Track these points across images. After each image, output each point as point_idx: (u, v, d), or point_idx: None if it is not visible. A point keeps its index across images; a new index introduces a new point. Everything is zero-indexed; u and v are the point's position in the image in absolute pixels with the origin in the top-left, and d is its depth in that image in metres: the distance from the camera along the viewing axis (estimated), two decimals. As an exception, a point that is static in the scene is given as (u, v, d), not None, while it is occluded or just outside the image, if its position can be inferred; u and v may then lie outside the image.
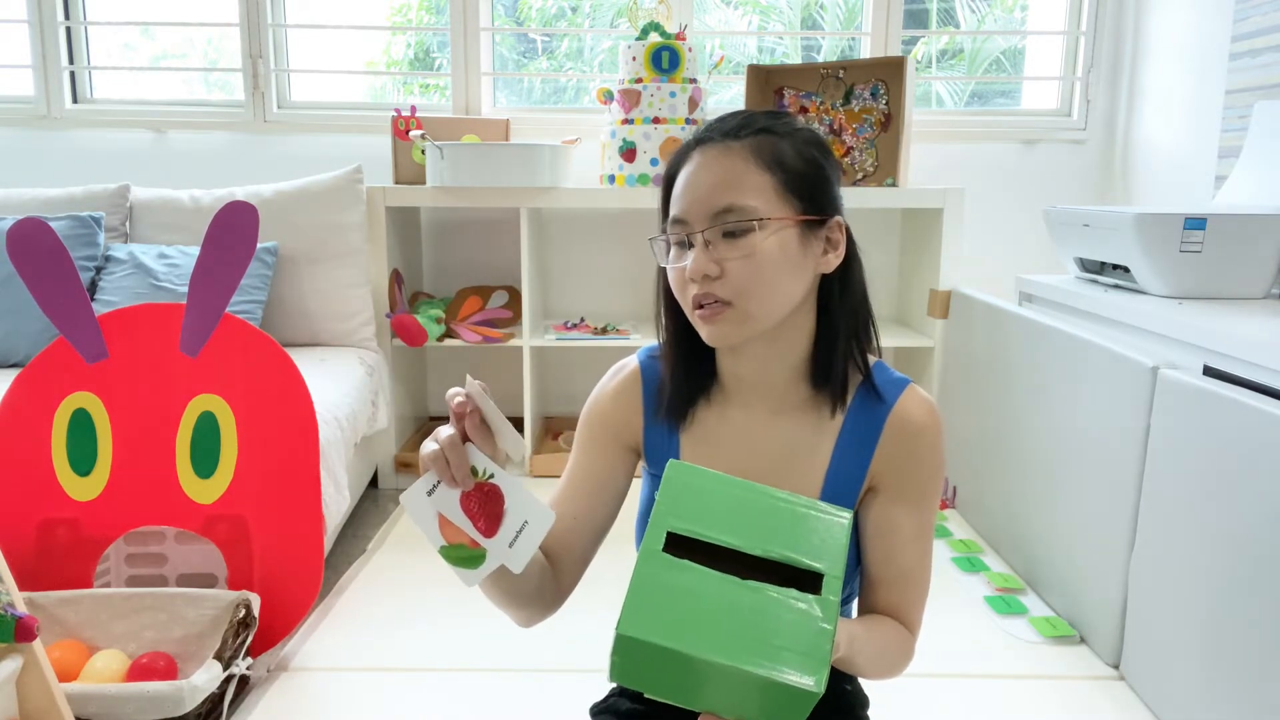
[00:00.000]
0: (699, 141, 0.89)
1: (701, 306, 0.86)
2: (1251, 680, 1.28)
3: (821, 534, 0.75)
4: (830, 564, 0.73)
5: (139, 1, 3.14)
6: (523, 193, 2.55)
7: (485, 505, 0.79)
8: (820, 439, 0.92)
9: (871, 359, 0.94)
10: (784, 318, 0.88)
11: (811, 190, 0.87)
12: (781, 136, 0.87)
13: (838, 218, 0.89)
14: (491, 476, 0.78)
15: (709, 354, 0.94)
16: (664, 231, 0.91)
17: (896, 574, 0.91)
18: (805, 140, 0.89)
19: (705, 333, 0.88)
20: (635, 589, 0.70)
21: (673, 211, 0.89)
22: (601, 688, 1.07)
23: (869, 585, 0.92)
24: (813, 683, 0.66)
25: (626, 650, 0.68)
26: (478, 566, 0.79)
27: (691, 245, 0.86)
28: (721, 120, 0.90)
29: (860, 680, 1.02)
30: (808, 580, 0.73)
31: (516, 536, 0.78)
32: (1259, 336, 1.45)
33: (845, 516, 0.77)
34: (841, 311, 0.91)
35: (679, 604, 0.69)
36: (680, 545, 0.73)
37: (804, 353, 0.92)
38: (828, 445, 0.92)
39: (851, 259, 0.91)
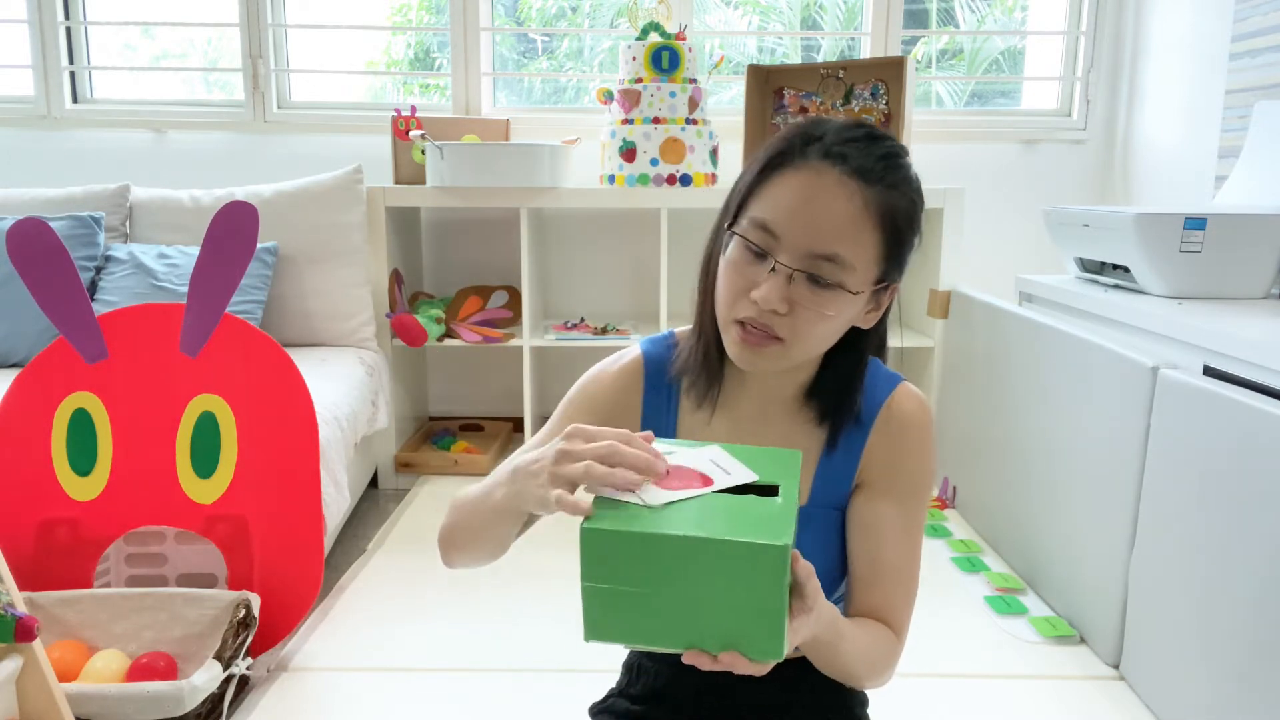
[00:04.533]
0: (825, 154, 0.80)
1: (744, 325, 0.82)
2: (1251, 680, 1.28)
3: (775, 462, 0.75)
4: (785, 484, 0.72)
5: (139, 1, 3.14)
6: (523, 193, 2.55)
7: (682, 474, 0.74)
8: (810, 439, 0.92)
9: None
10: None
11: (900, 256, 0.85)
12: (902, 193, 0.83)
13: (897, 284, 0.87)
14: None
15: (722, 352, 0.91)
16: (735, 218, 0.84)
17: (882, 572, 0.89)
18: (914, 201, 0.84)
19: (737, 353, 0.84)
20: (598, 502, 0.69)
21: (764, 216, 0.81)
22: (601, 688, 1.07)
23: (855, 585, 0.90)
24: (779, 539, 0.65)
25: (593, 556, 0.66)
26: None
27: (772, 268, 0.80)
28: (857, 146, 0.81)
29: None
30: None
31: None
32: (1259, 336, 1.45)
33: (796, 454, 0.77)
34: (863, 355, 0.90)
35: (642, 511, 0.68)
36: None
37: (809, 376, 0.91)
38: (817, 446, 0.91)
39: (885, 315, 0.90)
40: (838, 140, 0.81)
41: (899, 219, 0.82)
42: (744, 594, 0.66)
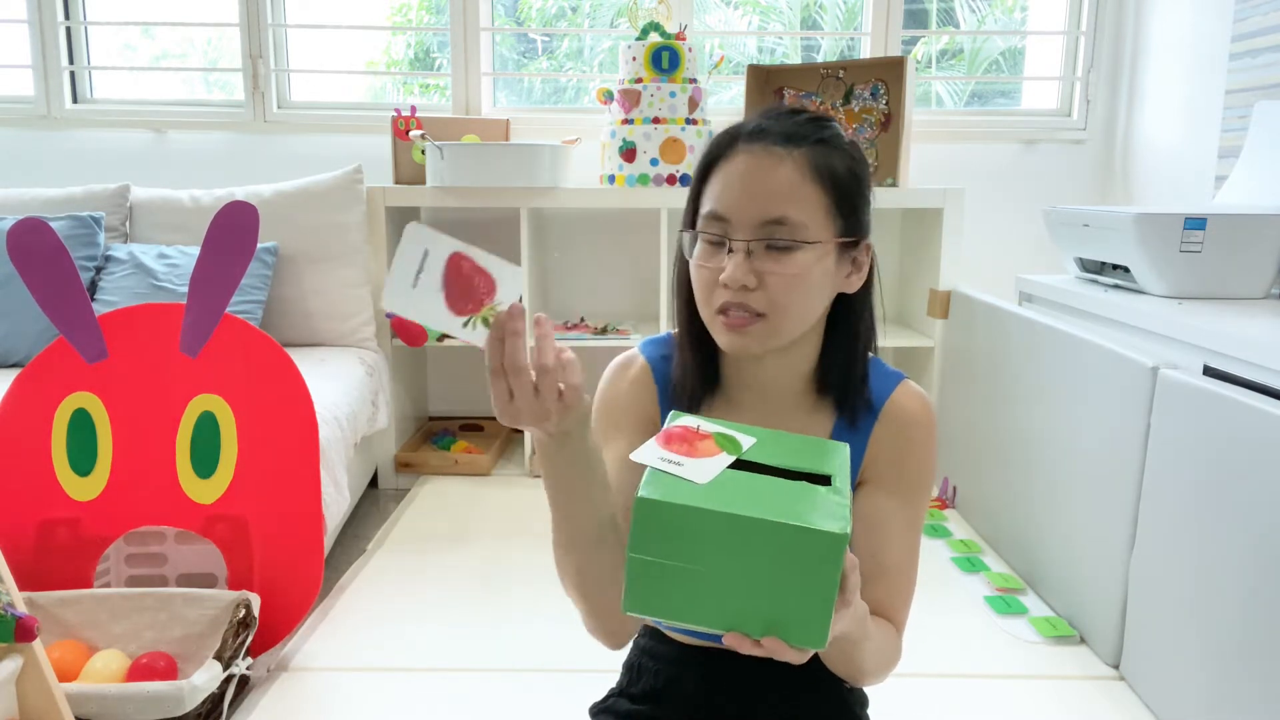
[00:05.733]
0: (750, 135, 0.84)
1: (726, 313, 0.84)
2: (1251, 680, 1.28)
3: (825, 453, 0.76)
4: (838, 474, 0.72)
5: (139, 1, 3.14)
6: (523, 193, 2.55)
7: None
8: (815, 435, 0.92)
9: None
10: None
11: (855, 211, 0.86)
12: (834, 149, 0.85)
13: (868, 240, 0.88)
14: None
15: (716, 354, 0.93)
16: (692, 223, 0.87)
17: (883, 569, 0.89)
18: (853, 156, 0.86)
19: (726, 340, 0.86)
20: (652, 474, 0.69)
21: (712, 207, 0.84)
22: (601, 688, 1.07)
23: None
24: (838, 526, 0.64)
25: (646, 527, 0.66)
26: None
27: (729, 249, 0.83)
28: (777, 119, 0.85)
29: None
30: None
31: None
32: (1259, 336, 1.45)
33: (844, 446, 0.78)
34: (860, 329, 0.91)
35: (696, 485, 0.68)
36: None
37: (811, 363, 0.92)
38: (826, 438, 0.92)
39: (870, 278, 0.91)
40: (759, 123, 0.85)
41: (836, 170, 0.84)
42: (796, 579, 0.65)
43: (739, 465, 0.72)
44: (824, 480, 0.71)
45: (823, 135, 0.85)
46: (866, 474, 0.92)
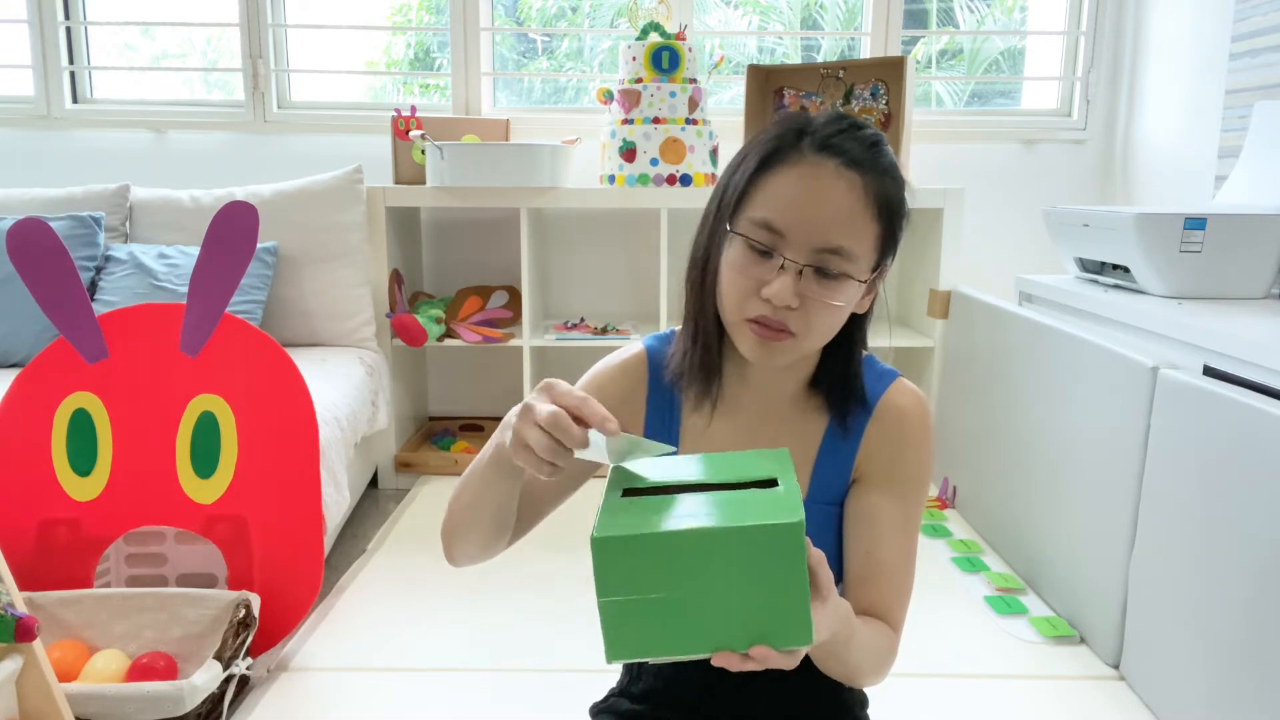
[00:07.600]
0: (819, 147, 0.82)
1: (758, 322, 0.83)
2: (1252, 680, 1.28)
3: (768, 461, 0.76)
4: (782, 476, 0.72)
5: (139, 1, 3.14)
6: (523, 193, 2.55)
7: None
8: (809, 435, 0.92)
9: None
10: None
11: (894, 243, 0.86)
12: (891, 178, 0.84)
13: (888, 266, 0.88)
14: None
15: (722, 351, 0.92)
16: (730, 219, 0.85)
17: (879, 568, 0.89)
18: (900, 181, 0.86)
19: (752, 349, 0.85)
20: (605, 510, 0.69)
21: (767, 216, 0.82)
22: (601, 688, 1.07)
23: (851, 584, 0.89)
24: (792, 517, 0.65)
25: (607, 567, 0.66)
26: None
27: (782, 266, 0.81)
28: (851, 135, 0.83)
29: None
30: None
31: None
32: (1259, 336, 1.45)
33: (784, 449, 0.78)
34: (858, 339, 0.91)
35: (650, 510, 0.68)
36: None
37: (811, 367, 0.92)
38: (815, 440, 0.92)
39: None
40: (829, 133, 0.83)
41: (893, 204, 0.84)
42: (765, 579, 0.65)
43: (685, 489, 0.72)
44: (770, 484, 0.72)
45: (883, 162, 0.84)
46: (861, 472, 0.92)
